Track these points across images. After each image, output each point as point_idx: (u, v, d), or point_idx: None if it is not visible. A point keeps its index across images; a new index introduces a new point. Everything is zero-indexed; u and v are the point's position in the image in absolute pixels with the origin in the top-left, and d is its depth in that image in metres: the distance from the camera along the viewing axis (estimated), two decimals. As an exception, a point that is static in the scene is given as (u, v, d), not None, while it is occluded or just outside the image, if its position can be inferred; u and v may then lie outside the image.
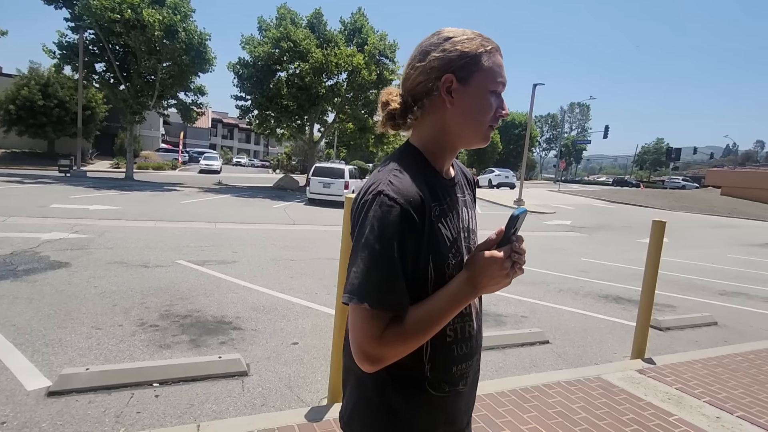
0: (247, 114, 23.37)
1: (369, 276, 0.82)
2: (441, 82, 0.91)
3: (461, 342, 0.96)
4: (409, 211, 0.84)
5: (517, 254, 0.87)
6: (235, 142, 71.66)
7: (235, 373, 3.20)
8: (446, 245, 0.91)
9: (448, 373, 0.95)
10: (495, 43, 0.96)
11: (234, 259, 6.88)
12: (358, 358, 0.85)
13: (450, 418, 0.99)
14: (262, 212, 13.36)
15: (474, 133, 0.95)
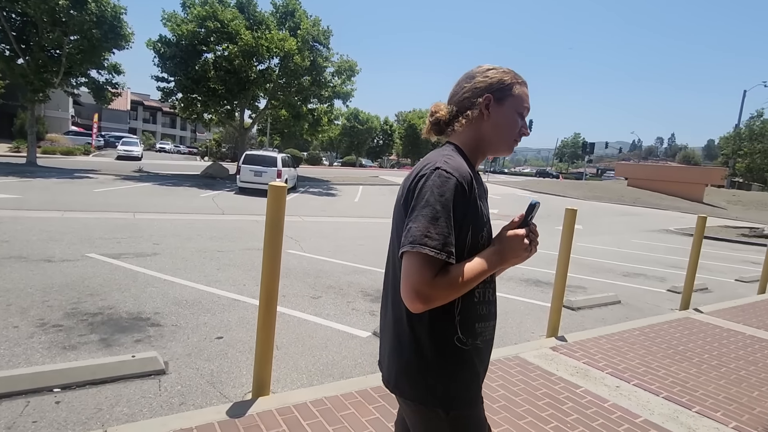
0: (170, 97, 21.81)
1: (430, 229, 1.02)
2: (482, 99, 1.19)
3: (483, 304, 1.18)
4: (461, 183, 1.07)
5: (534, 235, 1.13)
6: (159, 126, 66.90)
7: (152, 372, 3.01)
8: (483, 220, 1.15)
9: (472, 329, 1.15)
10: (523, 79, 1.25)
11: (155, 251, 6.45)
12: (410, 299, 1.02)
13: (474, 371, 1.16)
14: (188, 201, 12.65)
15: (502, 142, 1.22)
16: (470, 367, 1.15)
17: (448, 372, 1.12)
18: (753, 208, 30.35)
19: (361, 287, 5.65)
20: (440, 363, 1.11)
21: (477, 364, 1.17)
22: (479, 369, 1.18)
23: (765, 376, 3.71)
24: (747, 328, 5.02)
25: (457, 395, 1.13)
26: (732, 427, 2.84)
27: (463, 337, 1.12)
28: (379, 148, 63.81)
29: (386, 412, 2.65)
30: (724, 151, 22.31)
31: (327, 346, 3.83)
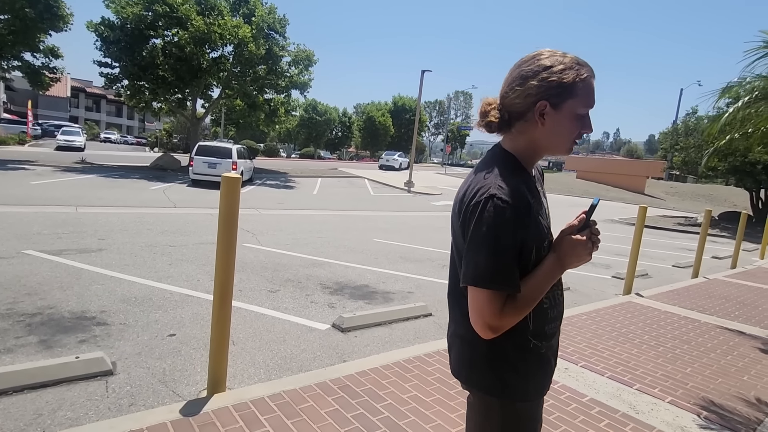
0: (114, 84, 20.56)
1: (490, 264, 1.02)
2: (536, 107, 1.07)
3: (552, 307, 1.20)
4: (519, 209, 1.04)
5: (595, 236, 1.11)
6: (103, 115, 63.08)
7: (98, 373, 2.87)
8: (544, 233, 1.14)
9: (542, 331, 1.18)
10: (590, 69, 1.09)
11: (100, 247, 6.12)
12: (481, 330, 1.07)
13: (543, 369, 1.20)
14: (137, 194, 12.05)
15: (558, 148, 1.13)
16: (528, 366, 1.18)
17: (515, 369, 1.16)
18: (688, 199, 32.63)
19: (320, 280, 5.61)
20: (505, 362, 1.16)
21: (546, 361, 1.22)
22: (549, 364, 1.23)
23: (697, 354, 4.02)
24: (682, 310, 5.41)
25: (524, 389, 1.18)
26: (668, 401, 3.06)
27: (537, 341, 1.17)
28: (338, 139, 63.30)
29: (346, 403, 2.66)
30: (663, 146, 23.78)
31: (285, 339, 3.78)
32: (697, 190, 35.74)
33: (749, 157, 15.09)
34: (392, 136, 59.59)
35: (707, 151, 7.09)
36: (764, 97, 4.11)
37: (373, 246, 8.13)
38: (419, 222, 12.30)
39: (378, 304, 4.91)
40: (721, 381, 3.48)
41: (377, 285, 5.64)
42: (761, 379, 3.59)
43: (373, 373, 3.07)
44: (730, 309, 5.70)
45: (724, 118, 4.31)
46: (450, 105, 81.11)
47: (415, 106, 53.39)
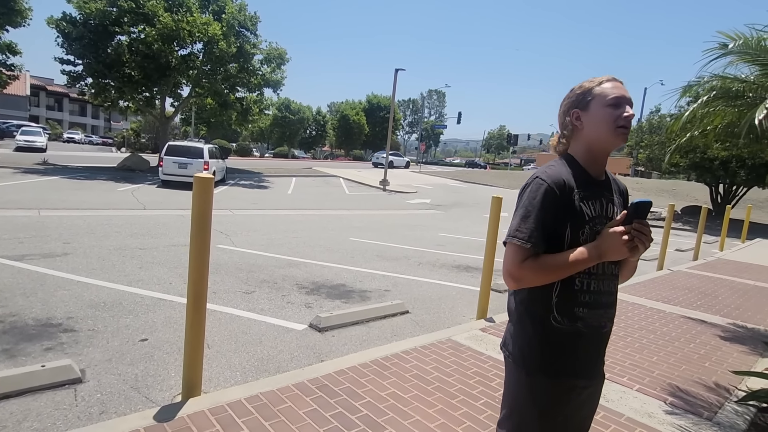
0: (78, 82, 19.78)
1: (521, 225, 1.28)
2: (570, 116, 1.37)
3: (585, 293, 1.31)
4: (552, 188, 1.27)
5: (638, 232, 1.21)
6: (66, 114, 60.69)
7: (66, 381, 2.77)
8: (584, 219, 1.29)
9: (569, 311, 1.31)
10: (609, 77, 1.36)
11: (66, 252, 5.90)
12: (505, 278, 1.31)
13: (569, 349, 1.32)
14: (104, 196, 11.66)
15: (605, 138, 1.32)
16: (549, 343, 1.32)
17: (538, 343, 1.33)
18: (653, 194, 33.81)
19: (296, 280, 5.57)
20: (532, 336, 1.34)
21: (572, 344, 1.32)
22: (576, 349, 1.32)
23: (662, 343, 4.18)
24: (648, 301, 5.62)
25: (542, 364, 1.33)
26: (636, 389, 3.18)
27: (559, 317, 1.31)
28: (312, 138, 62.79)
29: (324, 402, 2.66)
30: (628, 143, 24.64)
31: (262, 341, 3.74)
32: (661, 185, 37.11)
33: (708, 154, 15.78)
34: (367, 135, 59.55)
35: (669, 148, 7.37)
36: (722, 96, 4.30)
37: (349, 245, 8.12)
38: (395, 220, 12.35)
39: (355, 302, 4.91)
40: (684, 368, 3.64)
41: (354, 284, 5.64)
42: (721, 365, 3.77)
43: (351, 371, 3.08)
44: (692, 299, 5.96)
45: (685, 116, 4.49)
46: (424, 103, 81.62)
47: (389, 105, 53.52)
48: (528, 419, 1.36)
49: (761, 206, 25.55)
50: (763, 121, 3.36)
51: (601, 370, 1.44)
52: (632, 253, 1.24)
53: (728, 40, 3.80)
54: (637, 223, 1.21)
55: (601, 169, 1.39)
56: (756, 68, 4.02)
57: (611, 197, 1.39)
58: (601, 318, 1.35)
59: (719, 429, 2.74)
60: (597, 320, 1.34)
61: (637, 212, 1.21)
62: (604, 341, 1.41)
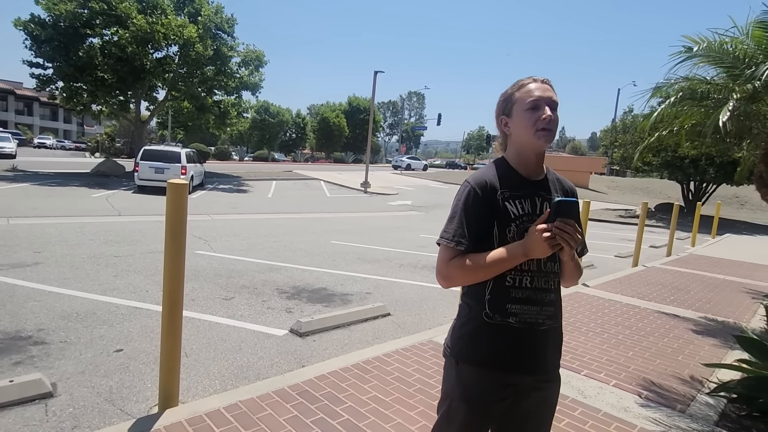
0: (48, 85, 19.20)
1: (447, 225, 1.36)
2: (500, 123, 1.44)
3: (517, 289, 1.34)
4: (475, 189, 1.34)
5: (560, 230, 1.20)
6: (37, 119, 58.89)
7: (36, 396, 2.68)
8: (510, 217, 1.33)
9: (501, 307, 1.34)
10: (530, 78, 1.39)
11: (36, 261, 5.71)
12: (437, 277, 1.37)
13: (504, 347, 1.34)
14: (77, 203, 11.34)
15: (527, 141, 1.36)
16: (481, 334, 1.36)
17: (466, 334, 1.39)
18: (628, 192, 34.70)
19: (276, 285, 5.52)
20: (463, 327, 1.40)
21: (504, 338, 1.34)
22: (508, 343, 1.35)
23: (637, 338, 4.29)
24: (624, 298, 5.76)
25: (468, 352, 1.38)
26: (613, 384, 3.25)
27: (491, 312, 1.35)
28: (292, 141, 62.33)
29: (305, 409, 2.64)
30: (603, 143, 25.20)
31: (241, 348, 3.69)
32: (635, 183, 38.06)
33: (679, 152, 16.26)
34: (347, 137, 59.42)
35: (639, 147, 7.58)
36: (689, 97, 4.45)
37: (330, 248, 8.08)
38: (376, 222, 12.35)
39: (336, 306, 4.89)
40: (659, 362, 3.74)
41: (335, 287, 5.62)
42: (693, 358, 3.89)
43: (332, 376, 3.06)
44: (666, 294, 6.13)
45: (654, 116, 4.63)
46: (404, 105, 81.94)
47: (369, 107, 53.57)
48: (455, 406, 1.40)
49: (730, 202, 26.47)
50: (727, 123, 3.49)
51: (548, 370, 1.40)
52: (555, 250, 1.24)
53: (693, 44, 3.94)
54: (560, 221, 1.21)
55: (534, 169, 1.41)
56: (719, 70, 4.17)
57: (548, 196, 1.40)
58: (537, 315, 1.35)
59: (692, 421, 2.82)
60: (532, 317, 1.35)
61: (559, 210, 1.21)
62: (546, 339, 1.38)
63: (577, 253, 1.47)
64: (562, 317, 1.46)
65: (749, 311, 5.62)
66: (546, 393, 1.42)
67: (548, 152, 6.98)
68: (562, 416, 2.76)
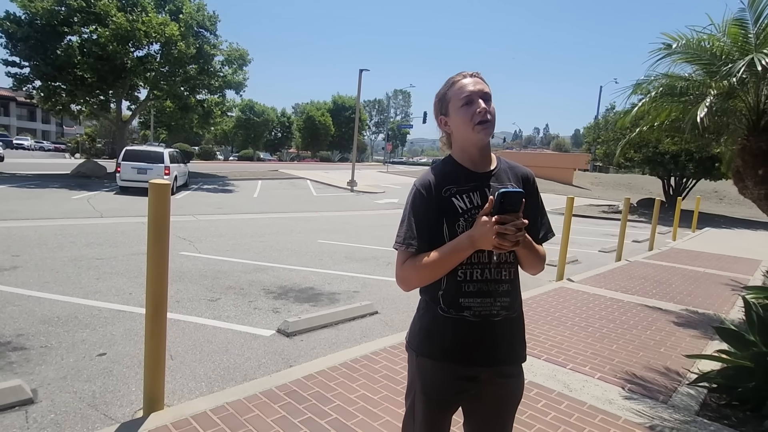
0: (24, 85, 18.71)
1: (399, 229, 1.36)
2: (440, 123, 1.44)
3: (469, 282, 1.32)
4: (420, 190, 1.35)
5: (503, 225, 1.16)
6: (14, 119, 57.43)
7: (15, 403, 2.62)
8: (457, 212, 1.32)
9: (455, 302, 1.33)
10: (460, 75, 1.38)
11: (14, 265, 5.58)
12: (396, 281, 1.38)
13: (455, 336, 1.34)
14: (57, 205, 11.10)
15: (467, 137, 1.36)
16: (438, 328, 1.36)
17: (423, 327, 1.40)
18: (611, 188, 35.25)
19: (263, 285, 5.48)
20: (421, 320, 1.42)
21: (459, 331, 1.34)
22: (464, 336, 1.34)
23: (621, 331, 4.36)
24: (607, 292, 5.85)
25: (425, 345, 1.39)
26: (597, 377, 3.30)
27: (445, 307, 1.35)
28: (278, 140, 61.91)
29: (293, 409, 2.62)
30: (587, 140, 25.56)
31: (228, 349, 3.66)
32: (618, 179, 38.68)
33: (660, 148, 16.57)
34: (333, 136, 59.21)
35: (621, 142, 7.71)
36: (668, 93, 4.53)
37: (317, 247, 8.05)
38: (363, 221, 12.34)
39: (324, 305, 4.87)
40: (642, 354, 3.81)
41: (322, 286, 5.60)
42: (675, 350, 3.97)
43: (320, 375, 3.05)
44: (648, 288, 6.24)
45: (634, 112, 4.71)
46: (389, 104, 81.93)
47: (354, 105, 53.40)
48: (417, 398, 1.42)
49: (709, 197, 27.08)
50: (704, 119, 3.56)
51: (507, 361, 1.38)
52: (502, 250, 1.21)
53: (672, 41, 4.01)
54: (499, 218, 1.16)
55: (481, 162, 1.39)
56: (697, 67, 4.26)
57: (500, 186, 1.35)
58: (491, 307, 1.34)
59: (674, 411, 2.88)
60: (486, 309, 1.33)
61: (504, 202, 1.16)
62: (502, 330, 1.36)
63: (539, 239, 1.42)
64: (521, 307, 1.44)
65: (728, 303, 5.76)
66: (507, 386, 1.41)
67: (532, 150, 7.05)
68: (549, 410, 2.79)
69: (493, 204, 1.18)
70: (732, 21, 3.91)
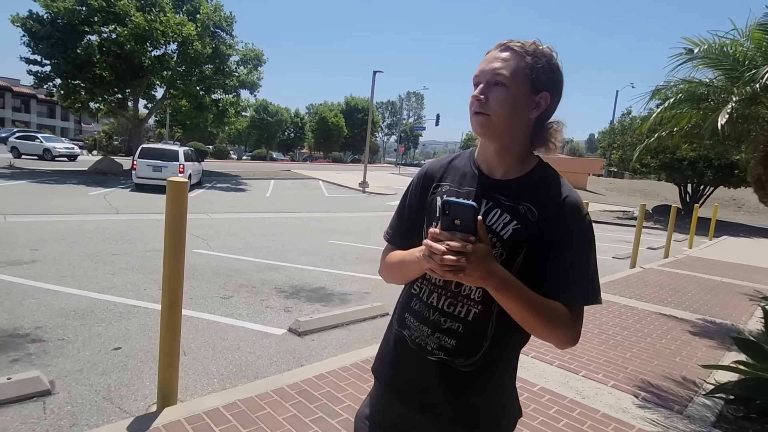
0: (45, 83, 19.12)
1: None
2: None
3: (418, 300, 1.10)
4: (419, 177, 1.16)
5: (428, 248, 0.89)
6: (34, 116, 58.60)
7: (34, 394, 2.67)
8: (436, 215, 1.07)
9: (402, 315, 1.14)
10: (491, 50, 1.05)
11: (33, 259, 5.69)
12: None
13: (397, 359, 1.13)
14: (75, 201, 11.31)
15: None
16: (388, 346, 1.17)
17: (382, 344, 1.23)
18: (625, 194, 34.80)
19: (274, 284, 5.51)
20: (384, 335, 1.23)
21: (398, 352, 1.12)
22: (400, 359, 1.11)
23: (635, 339, 4.30)
24: (621, 299, 5.77)
25: (376, 366, 1.22)
26: (610, 385, 3.26)
27: (395, 320, 1.17)
28: (291, 140, 62.32)
29: (304, 408, 2.64)
30: (601, 144, 25.28)
31: (240, 347, 3.69)
32: (633, 185, 38.17)
33: (677, 154, 16.31)
34: (345, 137, 59.40)
35: (638, 147, 7.62)
36: (688, 99, 4.47)
37: (329, 247, 8.08)
38: (374, 222, 12.35)
39: (335, 306, 4.89)
40: (656, 363, 3.75)
41: (333, 287, 5.62)
42: (691, 360, 3.90)
43: (331, 375, 3.06)
44: (663, 296, 6.14)
45: (653, 118, 4.65)
46: (402, 105, 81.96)
47: (367, 107, 53.55)
48: (358, 424, 1.22)
49: (727, 205, 26.58)
50: (725, 125, 3.50)
51: (449, 418, 1.05)
52: (429, 263, 0.89)
53: (693, 46, 3.95)
54: (435, 231, 0.89)
55: (498, 164, 1.07)
56: (718, 72, 4.19)
57: (508, 204, 1.02)
58: (427, 338, 1.06)
59: (689, 422, 2.83)
60: (422, 339, 1.07)
61: (448, 214, 0.88)
62: (439, 376, 1.04)
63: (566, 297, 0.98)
64: (486, 363, 1.03)
65: (746, 313, 5.64)
66: None
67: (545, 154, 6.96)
68: (561, 416, 2.76)
69: (439, 214, 0.93)
70: (756, 26, 3.84)
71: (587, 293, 1.00)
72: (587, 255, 1.02)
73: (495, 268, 0.90)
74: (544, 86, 1.02)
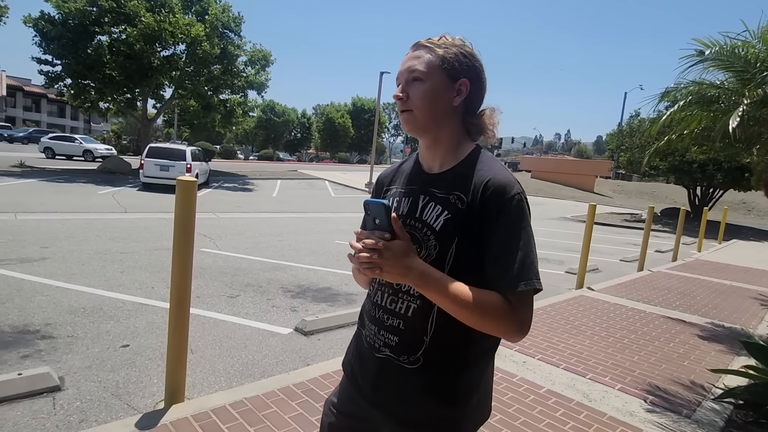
0: (56, 82, 19.33)
1: None
2: None
3: (370, 301, 1.12)
4: (375, 184, 1.22)
5: (354, 242, 0.96)
6: (44, 115, 59.22)
7: (44, 389, 2.70)
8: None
9: (361, 316, 1.19)
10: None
11: (43, 256, 5.75)
12: None
13: (357, 356, 1.16)
14: (84, 199, 11.42)
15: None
16: (353, 343, 1.21)
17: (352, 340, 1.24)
18: (634, 197, 34.54)
19: (281, 284, 5.53)
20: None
21: (356, 347, 1.17)
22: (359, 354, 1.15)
23: (643, 343, 4.27)
24: (629, 302, 5.73)
25: (345, 359, 1.24)
26: (618, 388, 3.24)
27: (359, 321, 1.21)
28: (298, 141, 62.51)
29: (310, 407, 2.64)
30: (609, 146, 25.10)
31: (246, 345, 3.71)
32: (641, 188, 37.89)
33: (687, 157, 16.16)
34: (352, 138, 59.48)
35: (648, 151, 7.56)
36: (698, 101, 4.43)
37: (335, 248, 8.09)
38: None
39: (341, 305, 4.90)
40: (664, 367, 3.72)
41: (340, 287, 5.63)
42: (700, 364, 3.86)
43: (337, 375, 3.07)
44: (671, 299, 6.09)
45: (662, 120, 4.61)
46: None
47: (374, 107, 53.53)
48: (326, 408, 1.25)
49: (737, 208, 26.31)
50: (736, 128, 3.47)
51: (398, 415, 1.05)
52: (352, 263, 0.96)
53: (704, 48, 3.92)
54: (359, 231, 0.96)
55: (432, 159, 1.08)
56: (729, 74, 4.15)
57: (440, 196, 1.02)
58: (375, 336, 1.09)
59: (698, 426, 2.80)
60: (371, 337, 1.10)
61: (369, 215, 0.94)
62: (389, 372, 1.06)
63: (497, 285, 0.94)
64: (432, 361, 1.02)
65: (756, 317, 5.58)
66: None
67: (553, 155, 6.94)
68: (567, 419, 2.75)
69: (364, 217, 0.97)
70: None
71: (519, 278, 0.91)
72: (517, 237, 0.93)
73: (413, 263, 0.91)
74: (460, 73, 1.02)
